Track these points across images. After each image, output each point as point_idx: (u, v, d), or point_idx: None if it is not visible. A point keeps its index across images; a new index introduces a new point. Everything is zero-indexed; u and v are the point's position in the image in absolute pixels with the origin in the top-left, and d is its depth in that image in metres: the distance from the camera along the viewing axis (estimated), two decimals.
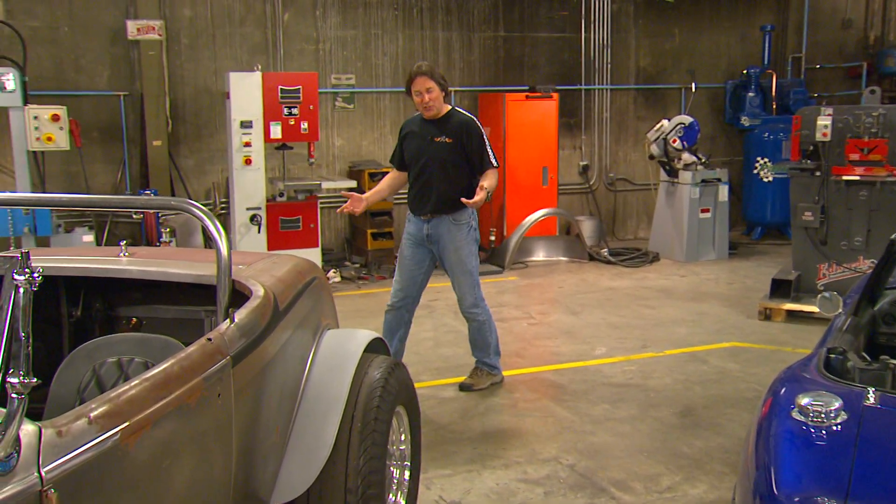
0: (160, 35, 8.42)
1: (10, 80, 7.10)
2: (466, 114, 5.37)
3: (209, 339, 2.37)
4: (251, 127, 7.92)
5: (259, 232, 8.03)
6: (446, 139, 5.19)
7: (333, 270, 8.92)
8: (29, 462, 1.71)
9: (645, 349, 6.47)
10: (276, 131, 7.99)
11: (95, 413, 1.89)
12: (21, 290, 1.73)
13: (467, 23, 10.34)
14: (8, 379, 1.67)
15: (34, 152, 7.61)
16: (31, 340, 1.71)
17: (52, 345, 3.52)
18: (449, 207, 5.21)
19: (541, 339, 6.85)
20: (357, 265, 9.47)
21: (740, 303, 7.80)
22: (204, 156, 9.30)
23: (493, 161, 5.24)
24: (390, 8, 9.92)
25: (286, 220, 8.18)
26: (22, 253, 1.76)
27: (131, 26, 8.29)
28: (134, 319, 3.64)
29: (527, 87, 10.13)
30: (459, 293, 5.40)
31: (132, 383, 2.06)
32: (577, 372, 5.95)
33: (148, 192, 8.20)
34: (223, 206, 9.15)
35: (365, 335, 3.46)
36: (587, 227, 10.52)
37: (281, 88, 7.93)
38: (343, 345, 3.33)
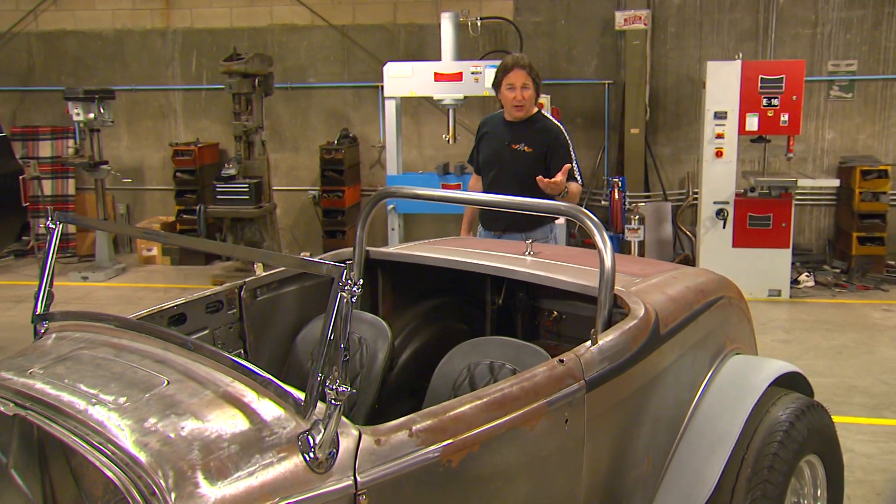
0: (646, 24, 8.48)
1: None
2: (554, 120, 4.51)
3: (561, 361, 2.26)
4: (725, 118, 7.60)
5: (724, 227, 7.70)
6: (525, 148, 4.40)
7: (806, 274, 8.19)
8: (345, 465, 1.78)
9: None
10: (753, 123, 7.53)
11: (418, 426, 1.90)
12: (344, 300, 1.76)
13: None
14: (327, 385, 1.75)
15: None
16: (348, 349, 1.76)
17: (478, 331, 3.76)
18: (524, 224, 4.46)
19: None
20: (837, 270, 8.56)
21: None
22: (680, 145, 9.18)
23: (579, 178, 4.36)
24: None
25: (755, 217, 7.69)
26: (347, 263, 1.82)
27: (619, 17, 8.48)
28: (555, 313, 3.70)
29: None
30: None
31: (463, 399, 2.04)
32: None
33: (617, 179, 8.38)
34: (695, 196, 8.94)
35: (776, 366, 3.06)
36: None
37: (761, 78, 7.44)
38: (746, 375, 2.97)
